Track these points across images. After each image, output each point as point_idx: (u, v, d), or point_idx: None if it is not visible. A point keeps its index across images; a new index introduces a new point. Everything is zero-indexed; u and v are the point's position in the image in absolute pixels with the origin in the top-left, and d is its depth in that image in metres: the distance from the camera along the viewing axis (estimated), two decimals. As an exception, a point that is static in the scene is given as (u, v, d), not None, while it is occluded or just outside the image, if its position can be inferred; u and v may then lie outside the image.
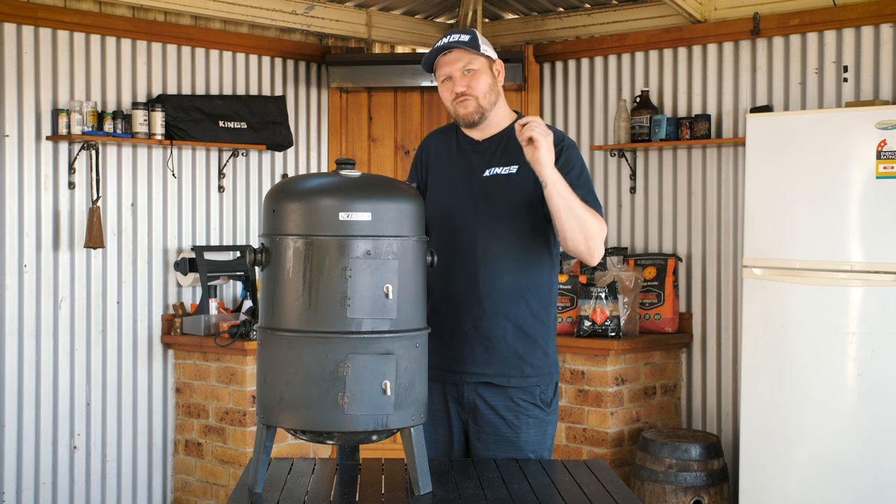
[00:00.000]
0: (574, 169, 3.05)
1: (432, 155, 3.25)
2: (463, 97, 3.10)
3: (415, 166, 3.30)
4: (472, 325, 3.09)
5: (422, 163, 3.27)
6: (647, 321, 5.82)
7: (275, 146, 5.97)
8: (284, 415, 2.61)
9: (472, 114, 3.12)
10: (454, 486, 2.74)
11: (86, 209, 5.35)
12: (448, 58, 3.12)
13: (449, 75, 3.12)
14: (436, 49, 3.12)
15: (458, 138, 3.22)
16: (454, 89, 3.11)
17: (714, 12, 5.75)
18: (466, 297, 3.09)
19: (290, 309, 2.59)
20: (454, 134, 3.24)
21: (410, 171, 3.32)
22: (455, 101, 3.12)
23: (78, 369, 5.39)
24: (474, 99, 3.10)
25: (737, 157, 5.71)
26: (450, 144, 3.22)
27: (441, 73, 3.14)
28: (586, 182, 3.07)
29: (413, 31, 6.68)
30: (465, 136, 3.21)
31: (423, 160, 3.27)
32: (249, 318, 5.44)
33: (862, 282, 4.73)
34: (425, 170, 3.25)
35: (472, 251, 3.07)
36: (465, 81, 3.10)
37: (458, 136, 3.22)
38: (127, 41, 5.53)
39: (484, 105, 3.11)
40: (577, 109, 6.36)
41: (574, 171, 3.04)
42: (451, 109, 3.16)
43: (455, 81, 3.11)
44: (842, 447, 4.79)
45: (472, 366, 3.10)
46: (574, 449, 5.54)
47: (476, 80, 3.10)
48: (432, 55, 3.13)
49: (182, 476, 5.68)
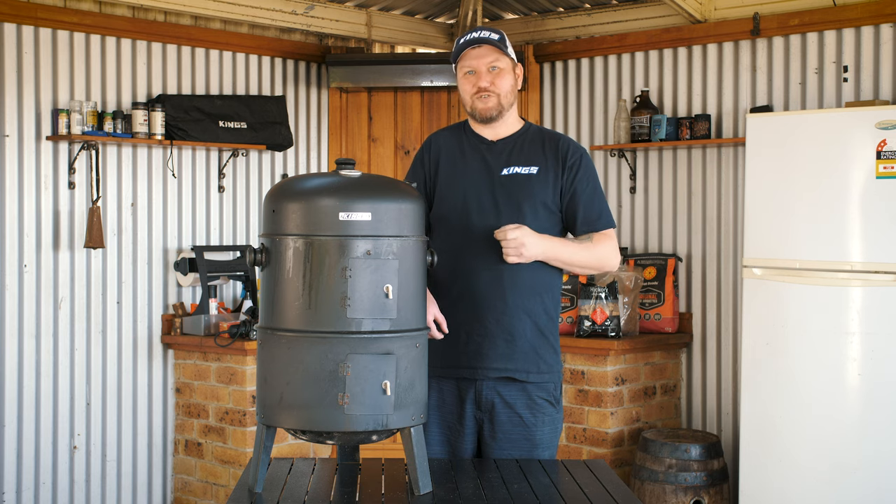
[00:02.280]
0: (591, 183, 3.17)
1: (442, 153, 3.25)
2: (486, 92, 3.13)
3: (418, 164, 3.30)
4: (494, 320, 3.11)
5: (428, 161, 3.27)
6: (647, 321, 5.82)
7: (275, 146, 5.97)
8: (284, 415, 2.61)
9: (490, 109, 3.15)
10: (454, 486, 2.74)
11: (86, 209, 5.35)
12: (476, 52, 3.14)
13: (474, 69, 3.15)
14: (467, 41, 3.14)
15: (469, 137, 3.24)
16: (478, 83, 3.14)
17: (714, 12, 5.75)
18: (490, 292, 3.11)
19: (290, 309, 2.59)
20: (463, 133, 3.26)
21: (411, 170, 3.32)
22: (476, 94, 3.15)
23: (78, 369, 5.39)
24: (496, 96, 3.15)
25: (737, 157, 5.71)
26: (460, 143, 3.24)
27: (466, 66, 3.16)
28: (600, 195, 3.19)
29: (413, 31, 6.68)
30: (477, 135, 3.23)
31: (431, 159, 3.26)
32: (249, 318, 5.44)
33: (862, 282, 4.73)
34: (433, 168, 3.25)
35: (495, 247, 3.08)
36: (490, 78, 3.14)
37: (468, 135, 3.24)
38: (127, 41, 5.53)
39: (503, 104, 3.16)
40: (577, 109, 6.36)
41: (591, 186, 3.17)
42: (469, 102, 3.18)
43: (480, 76, 3.14)
44: (842, 447, 4.78)
45: (494, 361, 3.12)
46: (574, 449, 5.54)
47: (500, 79, 3.15)
48: (462, 47, 3.15)
49: (182, 476, 5.68)
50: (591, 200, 3.15)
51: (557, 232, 3.18)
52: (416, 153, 3.35)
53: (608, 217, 3.18)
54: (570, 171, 3.15)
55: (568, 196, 3.15)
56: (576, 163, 3.15)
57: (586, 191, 3.15)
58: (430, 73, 6.13)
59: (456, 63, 3.20)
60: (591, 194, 3.16)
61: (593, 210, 3.16)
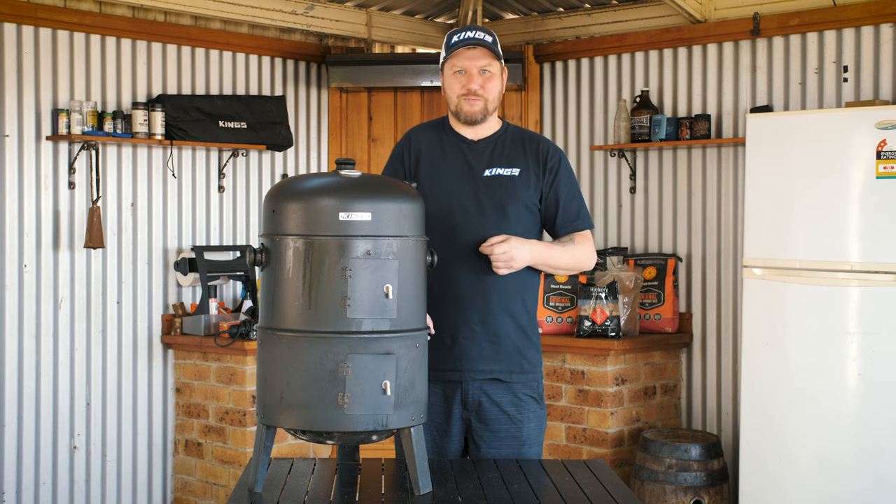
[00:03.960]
0: (569, 183, 3.21)
1: (422, 150, 3.21)
2: (474, 96, 3.12)
3: (397, 160, 3.24)
4: (479, 322, 3.12)
5: (408, 158, 3.22)
6: (647, 321, 5.82)
7: (275, 146, 5.97)
8: (284, 415, 2.61)
9: (477, 113, 3.14)
10: (454, 486, 2.74)
11: (86, 209, 5.35)
12: (470, 52, 3.12)
13: (465, 69, 3.13)
14: (462, 40, 3.11)
15: (448, 135, 3.21)
16: (467, 85, 3.13)
17: (714, 12, 5.75)
18: (473, 293, 3.11)
19: (290, 309, 2.59)
20: (443, 130, 3.23)
21: (389, 164, 3.26)
22: (464, 96, 3.13)
23: (78, 369, 5.39)
24: (484, 101, 3.14)
25: (737, 157, 5.71)
26: (441, 141, 3.21)
27: (457, 64, 3.13)
28: (578, 196, 3.24)
29: (413, 31, 6.68)
30: (457, 134, 3.20)
31: (412, 155, 3.22)
32: (249, 318, 5.44)
33: (862, 282, 4.73)
34: (413, 165, 3.21)
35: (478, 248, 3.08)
36: (481, 81, 3.13)
37: (448, 133, 3.21)
38: (127, 41, 5.53)
39: (489, 108, 3.16)
40: (577, 109, 6.36)
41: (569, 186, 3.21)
42: (455, 102, 3.15)
43: (470, 77, 3.12)
44: (841, 447, 4.79)
45: (480, 363, 3.13)
46: (574, 449, 5.54)
47: (490, 83, 3.15)
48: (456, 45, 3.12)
49: (182, 476, 5.68)
50: (569, 202, 3.19)
51: (537, 231, 3.22)
52: (393, 148, 3.30)
53: (586, 217, 3.22)
54: (550, 173, 3.17)
55: (547, 197, 3.17)
56: (555, 165, 3.18)
57: (565, 193, 3.18)
58: (430, 73, 6.13)
59: (445, 59, 3.16)
60: (570, 196, 3.19)
61: (571, 211, 3.19)
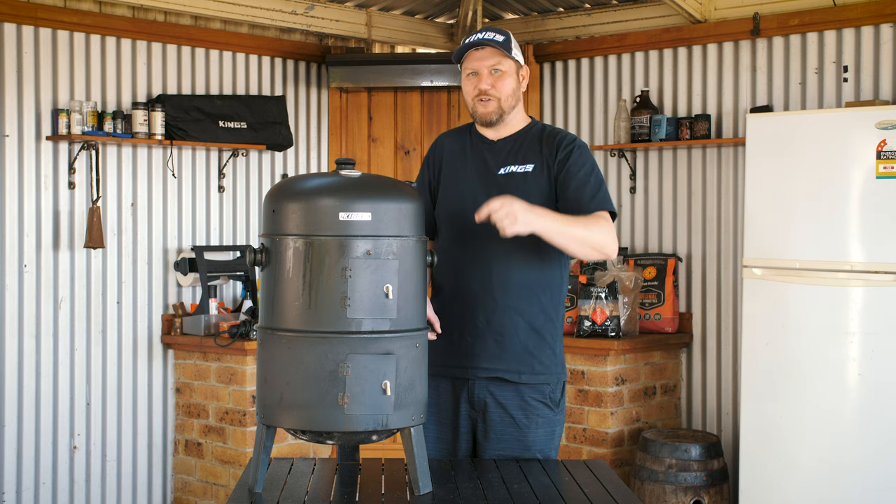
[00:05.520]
0: (584, 168, 3.09)
1: (445, 155, 3.26)
2: (486, 96, 3.12)
3: (425, 166, 3.32)
4: (484, 320, 3.11)
5: (434, 162, 3.28)
6: (647, 321, 5.82)
7: (275, 146, 5.97)
8: (284, 415, 2.61)
9: (490, 113, 3.14)
10: (454, 486, 2.74)
11: (86, 209, 5.35)
12: (479, 54, 3.12)
13: (476, 71, 3.13)
14: (470, 43, 3.13)
15: (472, 137, 3.24)
16: (479, 86, 3.12)
17: (714, 12, 5.75)
18: (480, 291, 3.10)
19: (290, 309, 2.59)
20: (468, 134, 3.26)
21: (420, 171, 3.34)
22: (476, 97, 3.13)
23: (78, 369, 5.39)
24: (496, 100, 3.13)
25: (737, 157, 5.71)
26: (463, 144, 3.24)
27: (468, 67, 3.15)
28: (596, 181, 3.09)
29: (413, 31, 6.68)
30: (480, 135, 3.22)
31: (436, 160, 3.28)
32: (249, 318, 5.44)
33: (862, 282, 4.73)
34: (437, 169, 3.26)
35: (488, 246, 3.08)
36: (491, 81, 3.12)
37: (472, 136, 3.24)
38: (127, 41, 5.53)
39: (504, 107, 3.14)
40: (577, 109, 6.36)
41: (584, 171, 3.08)
42: (471, 105, 3.17)
43: (481, 78, 3.12)
44: (842, 447, 4.79)
45: (484, 361, 3.11)
46: (574, 449, 5.54)
47: (501, 82, 3.13)
48: (465, 48, 3.14)
49: (182, 476, 5.68)
50: (583, 183, 3.05)
51: None
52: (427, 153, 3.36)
53: (604, 200, 3.07)
54: (561, 160, 3.09)
55: (559, 181, 3.08)
56: (567, 151, 3.09)
57: (578, 175, 3.06)
58: (430, 73, 6.13)
59: (460, 65, 3.19)
60: (585, 178, 3.06)
61: (586, 192, 3.06)
